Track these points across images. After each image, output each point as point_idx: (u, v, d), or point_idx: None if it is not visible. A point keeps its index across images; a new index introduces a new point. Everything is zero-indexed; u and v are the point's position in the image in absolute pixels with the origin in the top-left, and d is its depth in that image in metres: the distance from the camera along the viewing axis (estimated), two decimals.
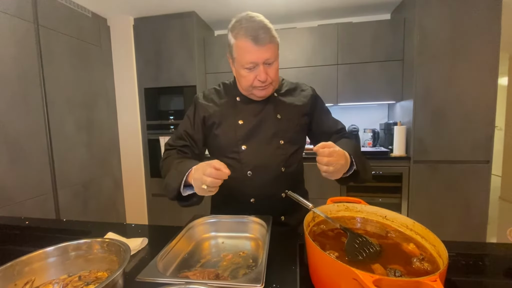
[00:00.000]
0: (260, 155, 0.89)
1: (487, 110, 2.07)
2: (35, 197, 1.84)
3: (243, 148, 0.89)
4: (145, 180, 2.73)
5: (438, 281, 0.39)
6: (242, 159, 0.89)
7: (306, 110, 0.95)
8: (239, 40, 0.80)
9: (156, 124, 2.67)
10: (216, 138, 0.92)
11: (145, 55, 2.60)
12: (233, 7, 2.44)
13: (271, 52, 0.80)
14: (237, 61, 0.83)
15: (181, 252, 0.69)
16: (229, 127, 0.90)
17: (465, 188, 2.14)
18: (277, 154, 0.90)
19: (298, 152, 0.96)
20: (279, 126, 0.91)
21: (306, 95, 0.97)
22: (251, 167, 0.89)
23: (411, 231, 0.62)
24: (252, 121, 0.90)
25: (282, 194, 0.90)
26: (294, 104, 0.94)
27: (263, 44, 0.78)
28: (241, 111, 0.91)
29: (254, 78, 0.82)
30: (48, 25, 1.96)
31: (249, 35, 0.77)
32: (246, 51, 0.79)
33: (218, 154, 0.93)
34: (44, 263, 0.58)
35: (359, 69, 2.48)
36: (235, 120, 0.90)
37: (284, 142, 0.91)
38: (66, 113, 2.12)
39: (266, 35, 0.78)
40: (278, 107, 0.92)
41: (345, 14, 2.67)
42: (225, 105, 0.93)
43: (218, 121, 0.91)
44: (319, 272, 0.53)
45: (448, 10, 2.05)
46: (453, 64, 2.09)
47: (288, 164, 0.91)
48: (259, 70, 0.81)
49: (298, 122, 0.94)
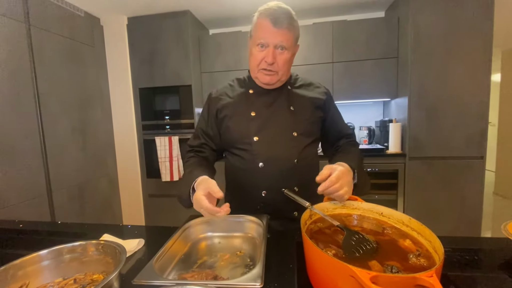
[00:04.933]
0: (273, 147, 0.88)
1: (481, 106, 2.09)
2: (30, 199, 1.82)
3: (255, 139, 0.88)
4: (141, 181, 2.72)
5: (434, 277, 0.39)
6: (254, 151, 0.88)
7: (320, 104, 0.94)
8: (260, 18, 0.83)
9: (151, 124, 2.65)
10: (229, 129, 0.92)
11: (139, 55, 2.57)
12: (228, 6, 2.43)
13: (285, 37, 0.82)
14: (253, 38, 0.86)
15: (177, 253, 0.69)
16: (241, 119, 0.91)
17: (460, 184, 2.17)
18: (290, 146, 0.89)
19: (313, 145, 0.95)
20: (292, 118, 0.90)
21: (321, 92, 0.97)
22: (263, 159, 0.88)
23: (407, 227, 0.62)
24: (265, 113, 0.90)
25: (294, 188, 0.88)
26: (308, 97, 0.94)
27: (280, 27, 0.80)
28: (254, 103, 0.92)
29: (262, 59, 0.84)
30: (39, 25, 1.93)
31: (270, 16, 0.81)
32: (263, 29, 0.82)
33: (230, 146, 0.94)
34: (38, 266, 0.57)
35: (354, 67, 2.48)
36: (248, 111, 0.91)
37: (298, 134, 0.89)
38: (59, 114, 2.09)
39: (285, 20, 0.81)
40: (291, 99, 0.93)
41: (339, 12, 2.67)
42: (238, 98, 0.94)
43: (231, 113, 0.92)
44: (316, 270, 0.53)
45: (441, 7, 2.07)
46: (446, 61, 2.11)
47: (301, 157, 0.89)
48: (268, 50, 0.83)
49: (311, 114, 0.93)
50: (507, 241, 0.70)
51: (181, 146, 2.59)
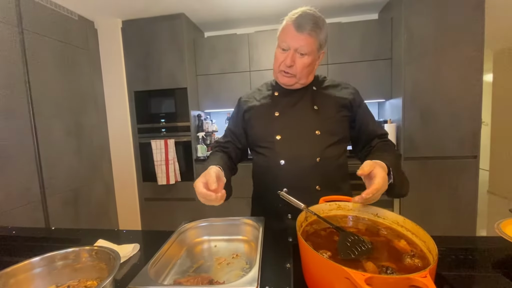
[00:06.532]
0: (294, 145, 0.90)
1: (474, 106, 2.12)
2: (23, 205, 1.79)
3: (277, 138, 0.91)
4: (137, 185, 2.69)
5: (428, 277, 0.40)
6: (276, 148, 0.90)
7: (346, 103, 0.93)
8: (286, 23, 0.87)
9: (147, 127, 2.63)
10: (253, 129, 0.97)
11: (134, 58, 2.56)
12: (222, 9, 2.44)
13: (306, 42, 0.84)
14: (278, 41, 0.91)
15: (173, 258, 0.68)
16: (265, 119, 0.95)
17: (454, 183, 2.19)
18: (312, 144, 0.89)
19: (339, 144, 0.92)
20: (316, 117, 0.91)
21: (349, 92, 0.95)
22: (285, 157, 0.89)
23: (402, 227, 0.62)
24: (288, 113, 0.93)
25: (316, 187, 0.88)
26: (333, 96, 0.94)
27: (301, 31, 0.83)
28: (278, 104, 0.95)
29: (282, 61, 0.88)
30: (32, 29, 1.91)
31: (295, 21, 0.84)
32: (286, 32, 0.86)
33: (253, 144, 0.98)
34: (30, 274, 0.56)
35: (349, 68, 2.50)
36: (272, 112, 0.94)
37: (321, 133, 0.89)
38: (53, 118, 2.07)
39: (307, 25, 0.83)
40: (315, 99, 0.94)
41: (334, 14, 2.70)
42: (264, 100, 0.99)
43: (256, 113, 0.97)
44: (312, 272, 0.53)
45: (433, 9, 2.10)
46: (439, 62, 2.13)
47: (324, 156, 0.88)
48: (288, 54, 0.86)
49: (336, 113, 0.92)
50: (500, 240, 0.71)
51: (177, 149, 2.57)
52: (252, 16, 2.57)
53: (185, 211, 2.63)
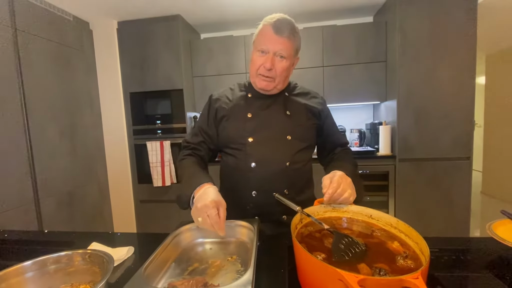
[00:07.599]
0: (266, 148, 0.90)
1: (466, 108, 2.15)
2: (15, 208, 1.76)
3: (250, 140, 0.90)
4: (132, 187, 2.67)
5: (420, 278, 0.40)
6: (247, 150, 0.90)
7: (316, 112, 0.97)
8: (263, 26, 0.88)
9: (142, 129, 2.62)
10: (225, 129, 0.95)
11: (130, 59, 2.55)
12: (218, 10, 2.44)
13: (285, 46, 0.85)
14: (255, 44, 0.90)
15: (167, 261, 0.68)
16: (238, 120, 0.93)
17: (448, 184, 2.22)
18: (283, 149, 0.90)
19: (307, 150, 0.96)
20: (288, 122, 0.92)
21: (318, 102, 1.00)
22: (256, 159, 0.89)
23: (395, 229, 0.63)
24: (261, 115, 0.93)
25: (285, 191, 0.89)
26: (305, 104, 0.97)
27: (281, 34, 0.84)
28: (251, 105, 0.95)
29: (261, 64, 0.87)
30: (26, 29, 1.89)
31: (273, 24, 0.85)
32: (265, 36, 0.86)
33: (225, 145, 0.96)
34: (22, 278, 0.55)
35: (344, 70, 2.52)
36: (245, 113, 0.93)
37: (292, 138, 0.91)
38: (47, 119, 2.04)
39: (287, 29, 0.84)
40: (288, 104, 0.95)
41: (329, 17, 2.72)
42: (237, 100, 0.97)
43: (229, 114, 0.95)
44: (306, 274, 0.53)
45: (427, 12, 2.13)
46: (433, 65, 2.16)
47: (294, 160, 0.91)
48: (268, 57, 0.86)
49: (307, 120, 0.95)
50: (492, 241, 0.72)
51: (173, 151, 2.56)
52: (248, 18, 2.58)
53: (181, 213, 2.61)
